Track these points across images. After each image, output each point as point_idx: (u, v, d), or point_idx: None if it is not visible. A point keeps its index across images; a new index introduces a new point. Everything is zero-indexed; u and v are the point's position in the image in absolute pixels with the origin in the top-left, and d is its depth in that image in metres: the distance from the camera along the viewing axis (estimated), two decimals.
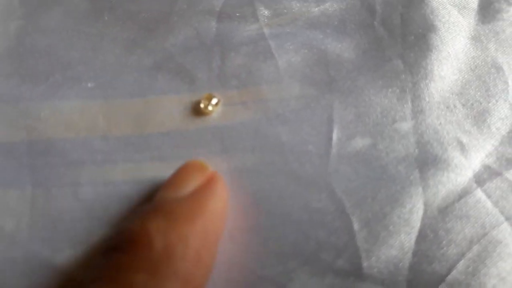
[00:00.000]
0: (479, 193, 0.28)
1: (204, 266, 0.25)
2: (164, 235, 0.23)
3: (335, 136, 0.30)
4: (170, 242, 0.23)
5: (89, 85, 0.31)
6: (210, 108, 0.30)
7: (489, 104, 0.31)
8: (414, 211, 0.28)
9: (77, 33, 0.34)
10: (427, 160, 0.29)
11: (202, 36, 0.33)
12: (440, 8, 0.33)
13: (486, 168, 0.29)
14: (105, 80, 0.32)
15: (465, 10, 0.33)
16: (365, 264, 0.27)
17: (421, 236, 0.28)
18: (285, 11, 0.34)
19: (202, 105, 0.30)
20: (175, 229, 0.24)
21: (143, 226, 0.24)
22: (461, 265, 0.27)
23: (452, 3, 0.33)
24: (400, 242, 0.27)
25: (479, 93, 0.31)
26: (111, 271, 0.23)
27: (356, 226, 0.28)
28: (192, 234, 0.24)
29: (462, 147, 0.29)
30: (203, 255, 0.24)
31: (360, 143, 0.29)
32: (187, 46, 0.33)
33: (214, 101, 0.30)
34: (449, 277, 0.27)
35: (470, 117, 0.30)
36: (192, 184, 0.26)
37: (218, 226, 0.26)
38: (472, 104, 0.30)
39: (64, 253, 0.27)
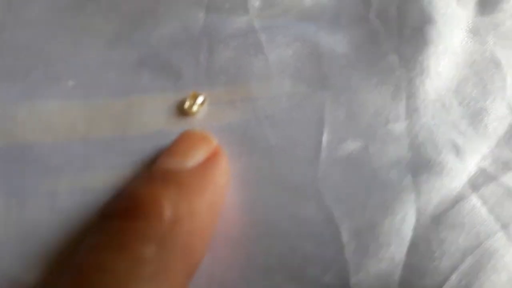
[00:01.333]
0: (474, 199, 0.28)
1: (206, 242, 0.25)
2: (174, 207, 0.23)
3: (325, 138, 0.29)
4: (180, 215, 0.23)
5: (70, 83, 0.30)
6: (195, 108, 0.29)
7: (486, 103, 0.30)
8: (406, 220, 0.27)
9: (58, 27, 0.32)
10: (421, 164, 0.28)
11: (189, 29, 0.31)
12: (438, 0, 0.31)
13: (482, 171, 0.28)
14: (86, 78, 0.31)
15: (464, 1, 0.32)
16: (353, 279, 0.26)
17: (413, 247, 0.27)
18: (277, 2, 0.32)
19: (186, 105, 0.29)
20: (185, 201, 0.24)
21: (153, 193, 0.23)
22: (453, 279, 0.26)
23: None
24: (391, 255, 0.27)
25: (476, 91, 0.30)
26: (120, 239, 0.22)
27: (344, 237, 0.27)
28: (199, 207, 0.24)
29: (457, 149, 0.28)
30: (207, 230, 0.24)
31: (351, 146, 0.28)
32: (174, 40, 0.31)
33: (199, 100, 0.29)
34: None
35: (466, 116, 0.29)
36: (199, 154, 0.26)
37: (221, 201, 0.26)
38: (468, 103, 0.29)
39: (37, 271, 0.26)
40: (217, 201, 0.26)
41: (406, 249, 0.27)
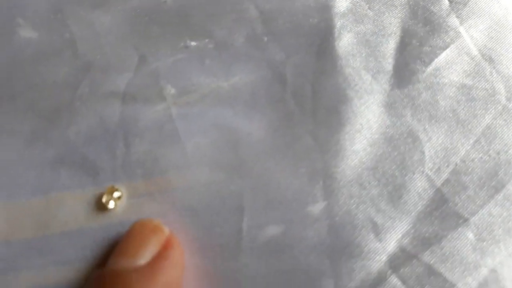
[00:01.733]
0: (394, 280, 0.27)
1: None
2: None
3: (245, 226, 0.28)
4: None
5: None
6: (112, 203, 0.29)
7: (405, 178, 0.30)
8: None
9: None
10: (339, 248, 0.28)
11: (105, 122, 0.31)
12: (354, 75, 0.31)
13: (402, 250, 0.28)
14: (5, 180, 0.31)
15: (379, 75, 0.32)
16: None
17: None
18: (194, 87, 0.32)
19: (104, 199, 0.29)
20: None
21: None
22: None
23: (366, 68, 0.32)
24: None
25: (394, 166, 0.30)
26: None
27: None
28: None
29: (376, 229, 0.28)
30: None
31: (271, 231, 0.29)
32: (90, 135, 0.31)
33: (116, 194, 0.29)
34: None
35: (385, 193, 0.29)
36: (149, 250, 0.26)
37: None
38: (387, 179, 0.29)
39: None
40: None
41: None
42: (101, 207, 0.30)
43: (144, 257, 0.26)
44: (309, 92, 0.32)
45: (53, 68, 0.33)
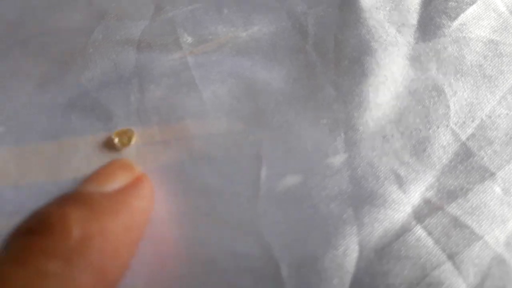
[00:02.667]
0: (419, 231, 0.26)
1: (121, 262, 0.24)
2: (83, 225, 0.22)
3: (263, 174, 0.28)
4: (89, 233, 0.22)
5: (1, 129, 0.28)
6: (124, 141, 0.27)
7: (430, 131, 0.29)
8: (348, 254, 0.26)
9: None
10: (362, 197, 0.27)
11: (120, 69, 0.30)
12: (377, 27, 0.30)
13: (427, 202, 0.27)
14: (16, 123, 0.30)
15: (404, 28, 0.31)
16: None
17: (356, 281, 0.26)
18: (211, 37, 0.31)
19: (116, 141, 0.28)
20: (96, 220, 0.23)
21: (62, 212, 0.23)
22: None
23: (390, 21, 0.31)
24: None
25: (418, 120, 0.29)
26: (23, 253, 0.21)
27: (284, 273, 0.26)
28: (112, 228, 0.23)
29: (400, 181, 0.27)
30: (122, 251, 0.24)
31: (290, 181, 0.27)
32: (104, 80, 0.30)
33: (128, 137, 0.28)
34: None
35: (408, 146, 0.28)
36: (118, 181, 0.26)
37: (141, 224, 0.25)
38: (411, 132, 0.28)
39: None
40: (136, 225, 0.25)
41: (349, 284, 0.26)
42: (112, 147, 0.29)
43: (111, 185, 0.25)
44: (331, 43, 0.31)
45: (67, 14, 0.33)
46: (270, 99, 0.30)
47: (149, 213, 0.27)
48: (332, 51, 0.31)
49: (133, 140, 0.29)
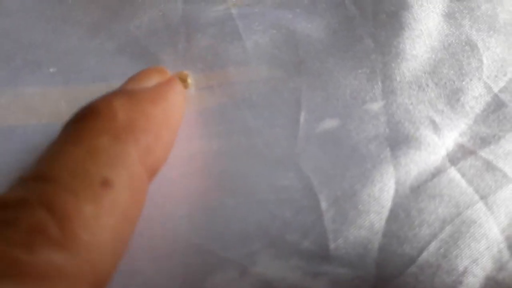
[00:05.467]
0: (453, 172, 0.27)
1: (164, 144, 0.25)
2: (127, 109, 0.24)
3: (302, 118, 0.29)
4: (133, 116, 0.24)
5: (51, 70, 0.30)
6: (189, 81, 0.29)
7: (463, 83, 0.30)
8: (385, 190, 0.27)
9: (39, 16, 0.33)
10: (398, 139, 0.28)
11: (167, 18, 0.32)
12: None
13: (460, 147, 0.28)
14: (66, 64, 0.31)
15: None
16: (332, 245, 0.26)
17: (392, 216, 0.27)
18: None
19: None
20: (138, 106, 0.24)
21: (107, 100, 0.24)
22: (432, 246, 0.26)
23: None
24: (370, 222, 0.26)
25: (452, 72, 0.30)
26: (75, 134, 0.23)
27: (323, 205, 0.27)
28: (154, 113, 0.25)
29: (435, 126, 0.28)
30: (164, 133, 0.25)
31: (328, 124, 0.28)
32: (152, 28, 0.32)
33: (186, 80, 0.29)
34: (420, 259, 0.26)
35: (443, 96, 0.29)
36: (154, 79, 0.27)
37: (177, 117, 0.27)
38: (445, 83, 0.29)
39: None
40: (173, 113, 0.26)
41: (386, 218, 0.27)
42: None
43: (149, 83, 0.27)
44: None
45: None
46: (310, 48, 0.31)
47: (183, 111, 0.28)
48: (370, 4, 0.32)
49: (191, 86, 0.30)
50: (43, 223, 0.19)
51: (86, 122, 0.23)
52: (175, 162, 0.28)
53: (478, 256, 0.26)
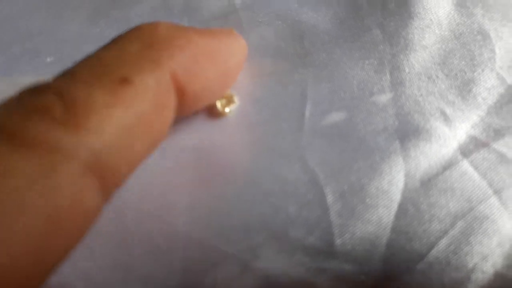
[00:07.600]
0: (465, 165, 0.26)
1: (205, 76, 0.25)
2: (171, 29, 0.24)
3: (308, 111, 0.28)
4: (175, 34, 0.24)
5: (48, 59, 0.30)
6: (227, 109, 0.29)
7: (475, 74, 0.29)
8: (394, 183, 0.26)
9: (39, 3, 0.32)
10: (408, 131, 0.27)
11: (169, 7, 0.30)
12: None
13: (472, 139, 0.27)
14: (65, 53, 0.30)
15: None
16: (338, 241, 0.25)
17: (401, 210, 0.26)
18: None
19: (218, 105, 0.29)
20: (183, 31, 0.24)
21: (153, 22, 0.24)
22: (442, 243, 0.25)
23: None
24: (378, 217, 0.25)
25: (463, 62, 0.29)
26: (108, 43, 0.23)
27: (329, 199, 0.26)
28: (199, 41, 0.25)
29: (446, 118, 0.27)
30: (207, 65, 0.25)
31: (335, 117, 0.28)
32: (153, 16, 0.30)
33: (233, 100, 0.29)
34: (429, 255, 0.25)
35: (453, 87, 0.28)
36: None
37: (228, 59, 0.27)
38: (456, 74, 0.28)
39: None
40: (222, 57, 0.26)
41: (394, 212, 0.26)
42: (215, 113, 0.30)
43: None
44: None
45: None
46: (316, 39, 0.30)
47: (240, 62, 0.28)
48: None
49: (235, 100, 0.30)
50: (49, 104, 0.19)
51: (124, 33, 0.23)
52: (176, 153, 0.27)
53: (489, 252, 0.25)
